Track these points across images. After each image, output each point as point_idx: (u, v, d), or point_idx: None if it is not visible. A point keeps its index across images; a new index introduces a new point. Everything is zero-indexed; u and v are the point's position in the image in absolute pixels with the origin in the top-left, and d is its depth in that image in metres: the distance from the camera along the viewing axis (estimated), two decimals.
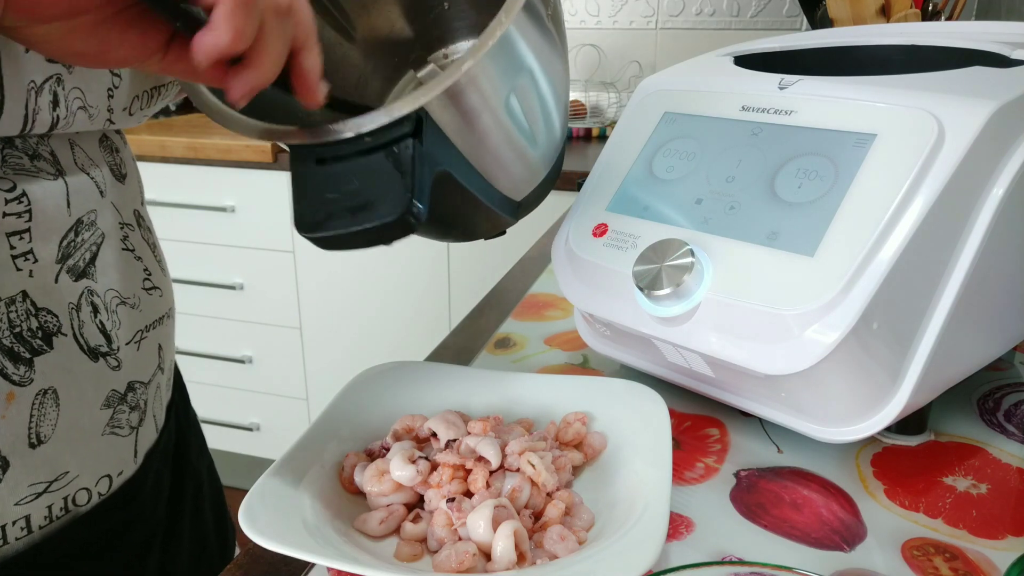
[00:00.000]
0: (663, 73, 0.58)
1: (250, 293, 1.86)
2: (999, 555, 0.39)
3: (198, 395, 2.05)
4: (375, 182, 0.37)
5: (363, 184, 0.37)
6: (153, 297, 0.53)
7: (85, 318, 0.45)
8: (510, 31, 0.38)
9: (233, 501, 0.49)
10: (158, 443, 0.54)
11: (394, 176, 0.37)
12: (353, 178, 0.37)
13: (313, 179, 0.38)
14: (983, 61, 0.49)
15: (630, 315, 0.48)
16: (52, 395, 0.43)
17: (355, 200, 0.37)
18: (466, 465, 0.42)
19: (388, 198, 0.36)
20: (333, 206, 0.37)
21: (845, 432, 0.45)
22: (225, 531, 0.67)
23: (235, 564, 0.40)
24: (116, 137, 0.52)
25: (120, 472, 0.49)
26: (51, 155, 0.44)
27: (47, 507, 0.44)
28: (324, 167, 0.38)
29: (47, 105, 0.41)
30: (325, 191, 0.37)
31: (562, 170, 0.53)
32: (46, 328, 0.42)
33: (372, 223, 0.36)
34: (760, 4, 1.89)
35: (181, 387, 0.64)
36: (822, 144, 0.45)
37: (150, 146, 1.74)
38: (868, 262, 0.40)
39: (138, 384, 0.50)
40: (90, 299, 0.46)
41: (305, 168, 0.38)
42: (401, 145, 0.37)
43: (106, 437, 0.47)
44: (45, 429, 0.42)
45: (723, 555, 0.40)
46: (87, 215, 0.46)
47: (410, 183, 0.36)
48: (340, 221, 0.37)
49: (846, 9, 0.84)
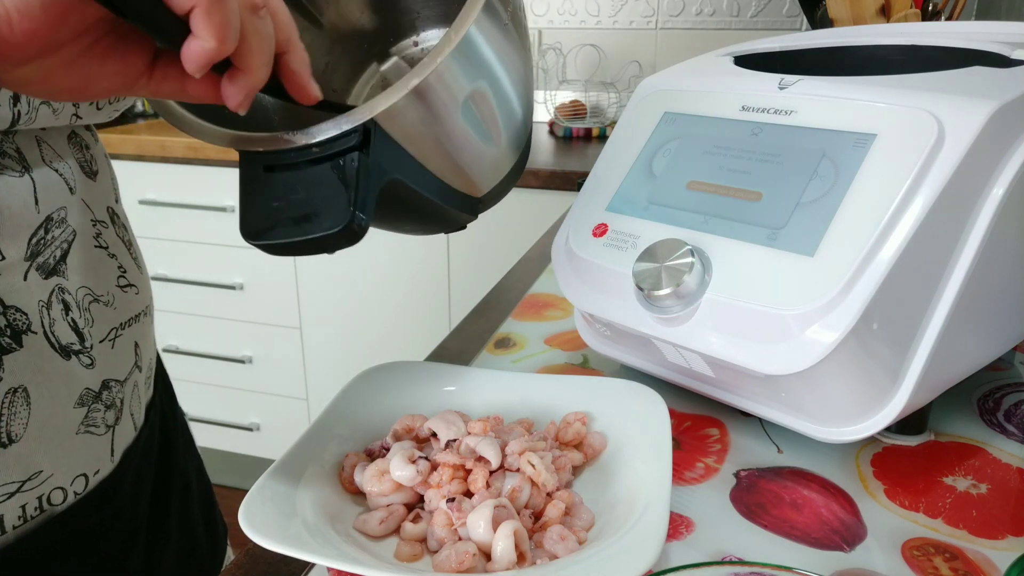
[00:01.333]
0: (663, 73, 0.58)
1: (250, 293, 1.86)
2: (999, 555, 0.39)
3: (198, 395, 2.07)
4: (320, 193, 0.37)
5: (309, 194, 0.38)
6: (129, 295, 0.52)
7: (56, 316, 0.45)
8: (465, 39, 0.38)
9: (233, 501, 0.48)
10: (137, 441, 0.53)
11: (339, 188, 0.37)
12: (299, 187, 0.38)
13: (261, 186, 0.38)
14: (983, 61, 0.49)
15: (630, 315, 0.48)
16: (23, 393, 0.42)
17: (300, 210, 0.37)
18: (466, 465, 0.42)
19: (332, 210, 0.37)
20: (279, 214, 0.38)
21: (845, 432, 0.45)
22: (216, 531, 0.67)
23: (235, 564, 0.40)
24: (86, 133, 0.51)
25: (96, 471, 0.48)
26: (16, 152, 0.43)
27: (21, 507, 0.43)
28: (272, 174, 0.38)
29: (7, 101, 0.40)
30: (272, 199, 0.38)
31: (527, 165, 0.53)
32: (15, 326, 0.42)
33: (314, 234, 0.37)
34: (760, 4, 1.89)
35: (167, 386, 0.64)
36: (822, 144, 0.45)
37: (150, 146, 1.74)
38: (868, 262, 0.40)
39: (113, 382, 0.50)
40: (61, 297, 0.45)
41: (253, 174, 0.38)
42: (347, 158, 0.37)
43: (81, 436, 0.46)
44: (16, 428, 0.42)
45: (723, 555, 0.40)
46: (56, 212, 0.45)
47: (353, 196, 0.37)
48: (284, 230, 0.37)
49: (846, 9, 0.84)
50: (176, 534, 0.59)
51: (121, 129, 1.84)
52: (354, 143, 0.37)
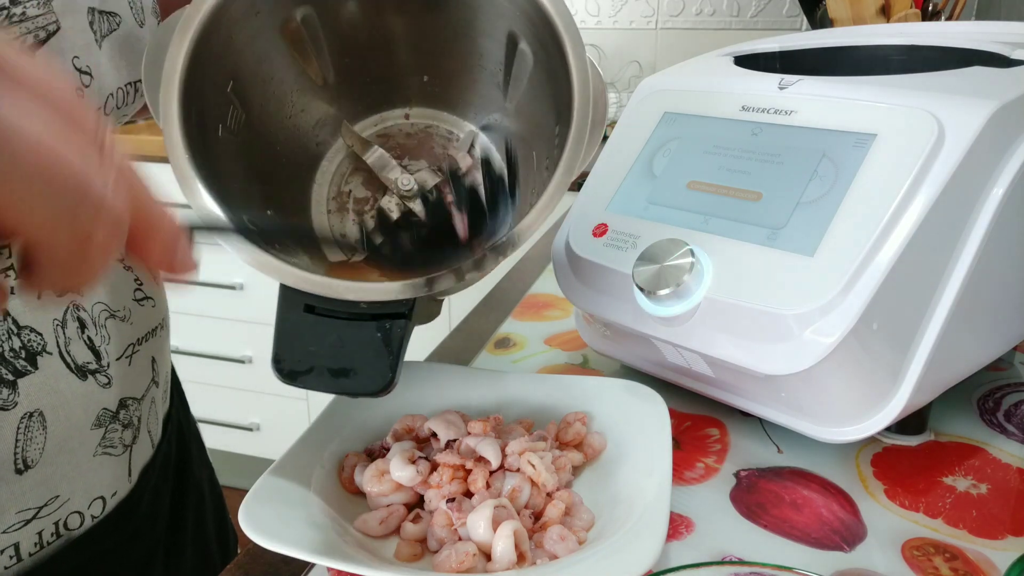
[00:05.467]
0: (663, 73, 0.58)
1: (250, 293, 1.86)
2: (999, 555, 0.39)
3: (198, 395, 2.05)
4: (360, 350, 0.38)
5: (347, 347, 0.38)
6: (145, 308, 0.51)
7: (71, 335, 0.43)
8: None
9: (233, 501, 0.48)
10: (155, 459, 0.52)
11: (380, 351, 0.38)
12: (339, 337, 0.38)
13: (298, 325, 0.39)
14: (983, 61, 0.49)
15: (630, 315, 0.48)
16: (39, 418, 0.41)
17: (338, 362, 0.38)
18: (466, 465, 0.42)
19: (371, 370, 0.38)
20: (314, 360, 0.38)
21: (845, 432, 0.45)
22: (227, 538, 0.66)
23: (235, 564, 0.40)
24: None
25: (114, 492, 0.47)
26: None
27: (37, 533, 0.42)
28: (311, 316, 0.39)
29: None
30: (308, 341, 0.39)
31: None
32: (29, 348, 0.41)
33: (351, 391, 0.38)
34: (760, 4, 1.89)
35: (180, 395, 0.63)
36: (822, 144, 0.45)
37: (150, 146, 1.74)
38: (868, 262, 0.40)
39: (131, 400, 0.48)
40: (76, 314, 0.44)
41: (293, 313, 0.39)
42: (394, 323, 0.38)
43: (98, 458, 0.45)
44: (32, 453, 0.41)
45: (723, 555, 0.40)
46: None
47: (395, 362, 0.38)
48: (319, 380, 0.39)
49: (846, 9, 0.84)
50: (191, 547, 0.58)
51: (121, 129, 1.83)
52: (403, 311, 0.38)
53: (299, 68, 0.50)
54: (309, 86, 0.51)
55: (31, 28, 0.40)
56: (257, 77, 0.47)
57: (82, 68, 0.44)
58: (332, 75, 0.51)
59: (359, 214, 0.53)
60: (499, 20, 0.46)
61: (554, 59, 0.42)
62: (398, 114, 0.54)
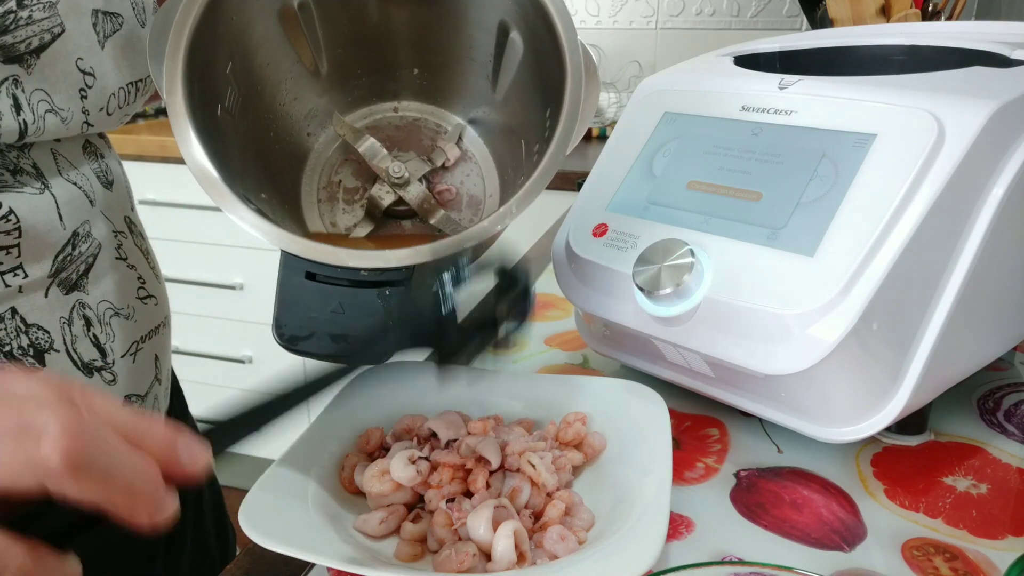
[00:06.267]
0: (663, 73, 0.58)
1: (250, 293, 1.86)
2: (999, 555, 0.39)
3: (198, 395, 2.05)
4: (361, 316, 0.39)
5: (348, 313, 0.39)
6: (148, 306, 0.51)
7: (78, 332, 0.44)
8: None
9: (233, 501, 0.48)
10: None
11: (381, 319, 0.39)
12: (339, 303, 0.39)
13: (299, 292, 0.39)
14: (983, 61, 0.49)
15: (630, 315, 0.48)
16: None
17: (337, 327, 0.39)
18: (466, 465, 0.42)
19: (372, 340, 0.39)
20: (315, 325, 0.39)
21: (845, 432, 0.45)
22: (226, 535, 0.67)
23: (235, 564, 0.40)
24: (99, 141, 0.51)
25: None
26: (34, 168, 0.42)
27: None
28: (312, 283, 0.39)
29: (8, 109, 0.40)
30: (309, 308, 0.39)
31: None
32: (37, 345, 0.41)
33: (349, 355, 0.39)
34: (760, 4, 1.89)
35: (179, 393, 0.63)
36: (822, 144, 0.45)
37: (150, 146, 1.74)
38: (868, 262, 0.40)
39: (135, 398, 0.49)
40: (82, 312, 0.44)
41: (295, 280, 0.40)
42: (394, 291, 0.39)
43: None
44: None
45: (723, 555, 0.40)
46: (82, 226, 0.44)
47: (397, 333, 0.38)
48: (320, 344, 0.39)
49: (846, 9, 0.84)
50: (191, 544, 0.59)
51: (121, 129, 1.83)
52: (402, 278, 0.38)
53: (294, 56, 0.50)
54: (303, 74, 0.51)
55: (37, 31, 0.40)
56: (255, 61, 0.48)
57: (85, 69, 0.44)
58: (325, 65, 0.52)
59: (349, 203, 0.53)
60: (491, 10, 0.47)
61: (544, 42, 0.43)
62: (387, 107, 0.55)
